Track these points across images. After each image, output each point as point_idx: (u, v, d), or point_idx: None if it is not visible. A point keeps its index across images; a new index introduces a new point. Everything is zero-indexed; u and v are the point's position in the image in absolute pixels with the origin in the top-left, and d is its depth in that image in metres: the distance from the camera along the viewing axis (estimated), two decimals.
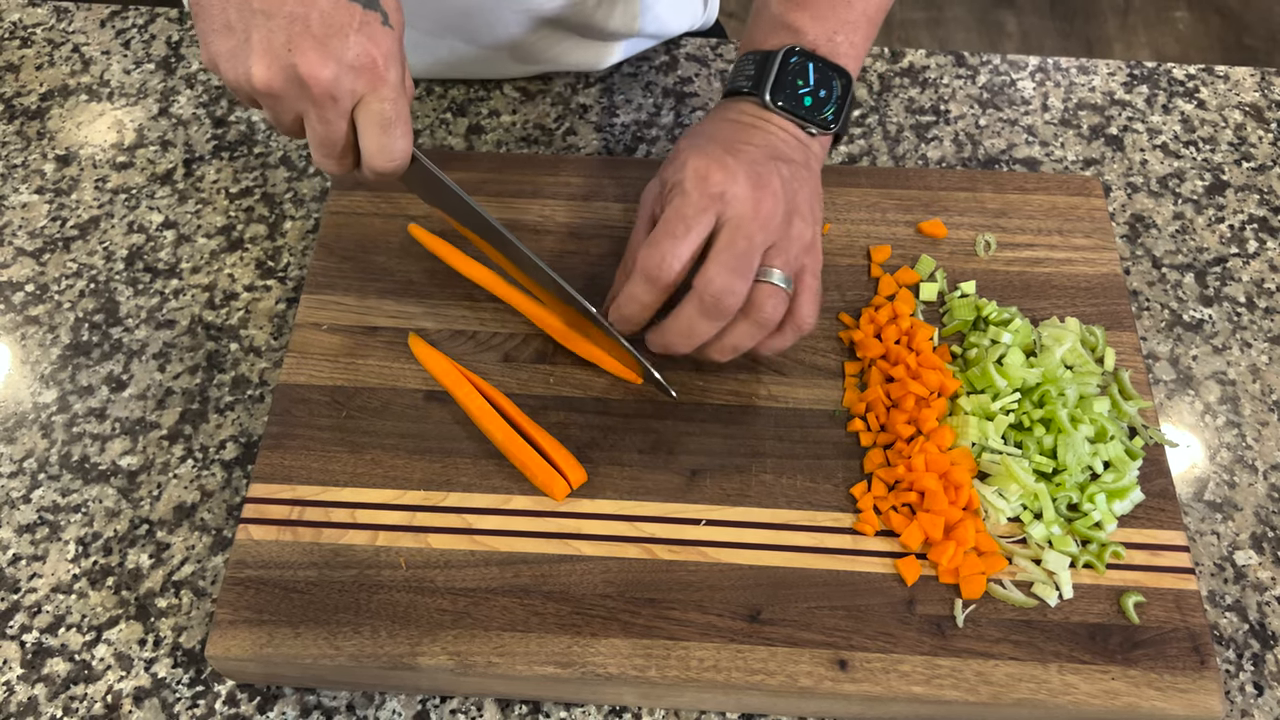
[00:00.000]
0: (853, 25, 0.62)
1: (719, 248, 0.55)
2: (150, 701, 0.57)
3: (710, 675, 0.54)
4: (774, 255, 0.56)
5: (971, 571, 0.56)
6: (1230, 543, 0.63)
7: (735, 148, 0.58)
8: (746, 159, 0.57)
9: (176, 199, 0.77)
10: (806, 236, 0.58)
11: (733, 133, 0.60)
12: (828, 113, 0.61)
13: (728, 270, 0.54)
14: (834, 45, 0.61)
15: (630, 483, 0.60)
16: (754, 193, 0.55)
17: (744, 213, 0.55)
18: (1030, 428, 0.60)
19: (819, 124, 0.61)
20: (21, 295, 0.72)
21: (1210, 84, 0.84)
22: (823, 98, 0.61)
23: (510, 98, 0.83)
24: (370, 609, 0.55)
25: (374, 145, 0.52)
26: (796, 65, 0.61)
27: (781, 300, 0.56)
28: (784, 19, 0.62)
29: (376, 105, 0.51)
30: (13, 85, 0.83)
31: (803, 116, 0.60)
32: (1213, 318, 0.71)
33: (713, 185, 0.55)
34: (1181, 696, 0.53)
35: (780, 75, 0.60)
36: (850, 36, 0.62)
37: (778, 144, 0.60)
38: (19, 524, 0.63)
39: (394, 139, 0.52)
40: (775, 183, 0.57)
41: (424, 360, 0.63)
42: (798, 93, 0.60)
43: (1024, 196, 0.71)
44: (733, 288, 0.54)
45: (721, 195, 0.55)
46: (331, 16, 0.49)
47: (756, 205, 0.55)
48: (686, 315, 0.56)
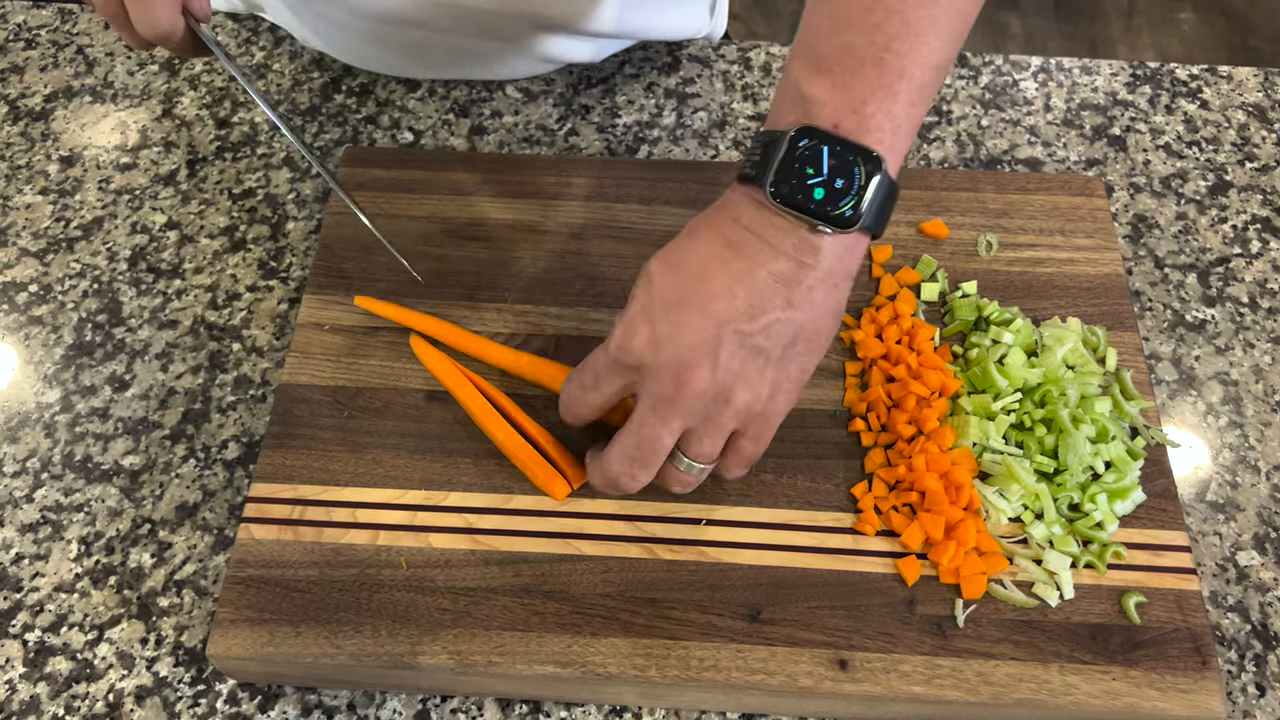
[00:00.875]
0: (887, 91, 0.48)
1: (628, 426, 0.52)
2: (152, 700, 0.57)
3: (710, 675, 0.54)
4: (693, 441, 0.51)
5: (972, 571, 0.56)
6: (1233, 543, 0.62)
7: (686, 299, 0.49)
8: (690, 326, 0.49)
9: (179, 200, 0.77)
10: (755, 406, 0.51)
11: (703, 266, 0.50)
12: (845, 208, 0.48)
13: (626, 457, 0.52)
14: (861, 119, 0.48)
15: None
16: (679, 370, 0.49)
17: (660, 394, 0.50)
18: (1031, 428, 0.60)
19: (832, 221, 0.48)
20: (25, 295, 0.72)
21: (1213, 84, 0.84)
22: (840, 189, 0.48)
23: (512, 99, 0.83)
24: (371, 608, 0.56)
25: (132, 13, 0.55)
26: (807, 149, 0.48)
27: (689, 482, 0.55)
28: (799, 87, 0.50)
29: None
30: (17, 86, 0.84)
31: (811, 213, 0.48)
32: (1215, 318, 0.71)
33: (631, 354, 0.50)
34: (1183, 697, 0.53)
35: (786, 162, 0.49)
36: (886, 106, 0.48)
37: (759, 286, 0.49)
38: (22, 523, 0.63)
39: (147, 7, 0.54)
40: (720, 356, 0.49)
41: (425, 360, 0.63)
42: (806, 183, 0.48)
43: (1026, 197, 0.71)
44: (630, 474, 0.53)
45: (638, 367, 0.50)
46: None
47: (679, 384, 0.49)
48: (594, 477, 0.56)
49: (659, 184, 0.72)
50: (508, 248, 0.69)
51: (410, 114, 0.82)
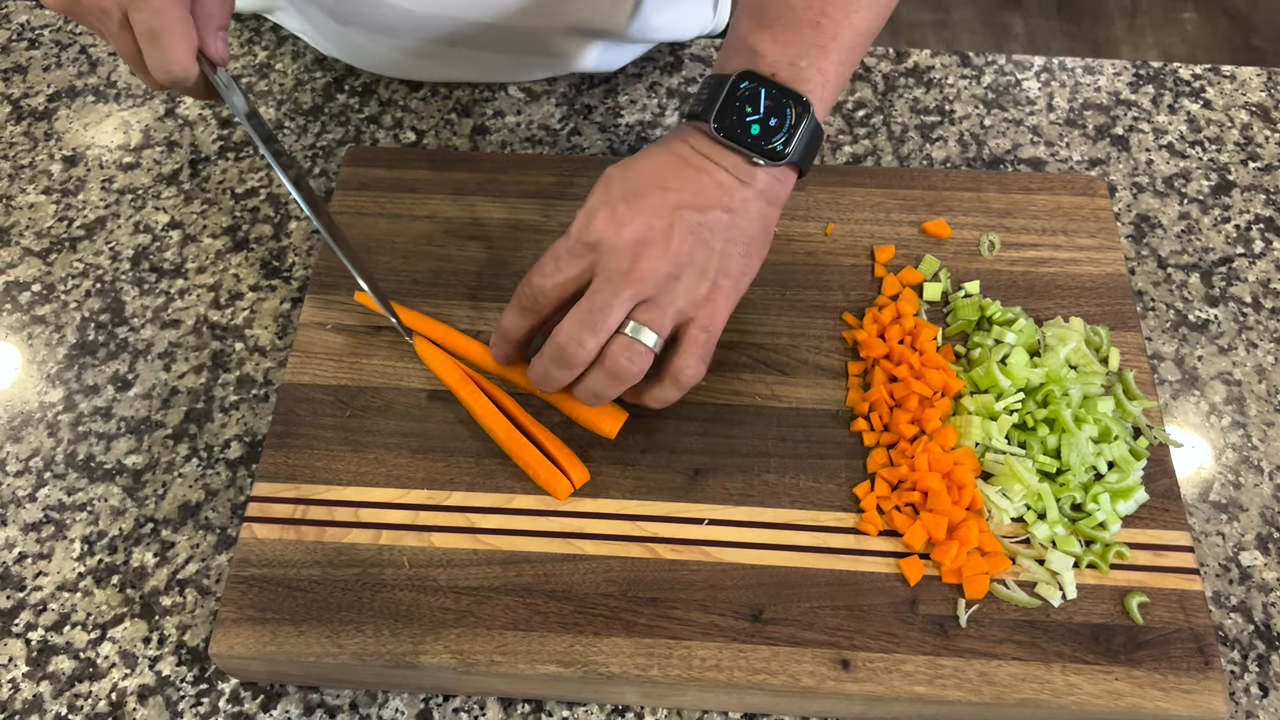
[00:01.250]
0: (820, 50, 0.57)
1: (582, 299, 0.55)
2: (154, 699, 0.57)
3: (713, 675, 0.54)
4: (644, 310, 0.55)
5: (974, 571, 0.56)
6: (1235, 543, 0.62)
7: (644, 191, 0.56)
8: (648, 206, 0.55)
9: (182, 199, 0.77)
10: (698, 291, 0.55)
11: (658, 170, 0.57)
12: (777, 143, 0.56)
13: (576, 322, 0.54)
14: (796, 70, 0.57)
15: (633, 482, 0.60)
16: (635, 246, 0.54)
17: (617, 267, 0.54)
18: (1034, 428, 0.60)
19: (765, 154, 0.56)
20: (28, 295, 0.72)
21: (1216, 84, 0.84)
22: (773, 126, 0.56)
23: (515, 98, 0.83)
24: (373, 608, 0.56)
25: (147, 58, 0.54)
26: (747, 90, 0.56)
27: (636, 353, 0.55)
28: (745, 40, 0.58)
29: (138, 17, 0.52)
30: (20, 86, 0.84)
31: (748, 145, 0.56)
32: (1218, 318, 0.71)
33: (591, 233, 0.55)
34: (1185, 697, 0.53)
35: (728, 101, 0.56)
36: (818, 62, 0.57)
37: (704, 186, 0.56)
38: (25, 522, 0.63)
39: (162, 50, 0.53)
40: (670, 236, 0.54)
41: (427, 360, 0.63)
42: (745, 119, 0.56)
43: (1029, 196, 0.71)
44: (579, 338, 0.54)
45: (597, 245, 0.55)
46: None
47: (634, 259, 0.54)
48: (539, 360, 0.57)
49: None
50: (510, 248, 0.69)
51: (413, 114, 0.82)
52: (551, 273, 0.56)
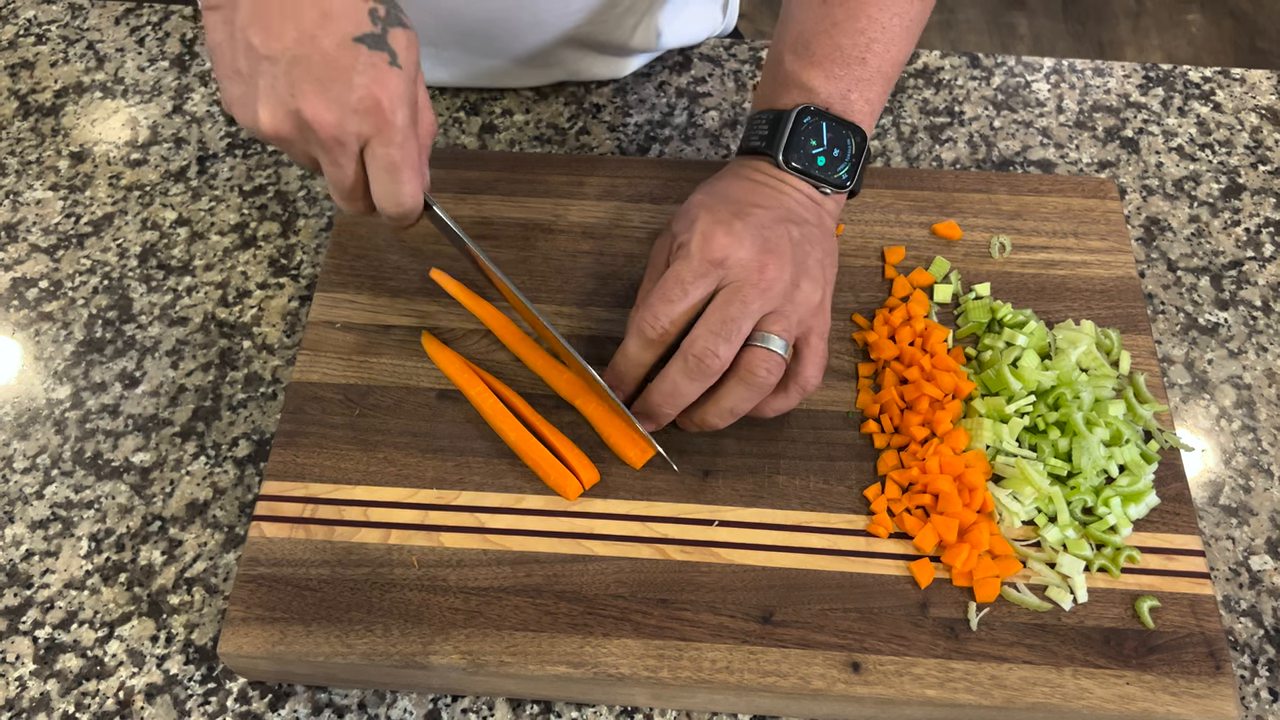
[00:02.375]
0: (867, 82, 0.61)
1: (711, 310, 0.55)
2: (162, 698, 0.57)
3: (723, 677, 0.54)
4: (773, 320, 0.56)
5: (985, 574, 0.56)
6: (1245, 548, 0.62)
7: (745, 210, 0.57)
8: (755, 222, 0.57)
9: (190, 196, 0.77)
10: (814, 299, 0.57)
11: (745, 192, 0.59)
12: (842, 172, 0.60)
13: (712, 333, 0.54)
14: (848, 103, 0.60)
15: (643, 483, 0.60)
16: (758, 258, 0.55)
17: (744, 278, 0.55)
18: (1045, 431, 0.60)
19: (833, 184, 0.60)
20: (35, 292, 0.72)
21: (1226, 86, 0.83)
22: (836, 157, 0.60)
23: (524, 97, 0.83)
24: (382, 607, 0.55)
25: (381, 190, 0.51)
26: (810, 125, 0.60)
27: (774, 364, 0.55)
28: (797, 77, 0.61)
29: (382, 150, 0.50)
30: (27, 82, 0.84)
31: (817, 177, 0.60)
32: (1228, 321, 0.71)
33: (715, 250, 0.55)
34: (1197, 702, 0.53)
35: (794, 135, 0.59)
36: (865, 93, 0.61)
37: (791, 204, 0.59)
38: (32, 520, 0.63)
39: (400, 184, 0.51)
40: (784, 247, 0.56)
41: (437, 359, 0.63)
42: (811, 153, 0.60)
43: (1039, 198, 0.71)
44: (715, 349, 0.54)
45: (723, 261, 0.55)
46: (335, 59, 0.48)
47: (760, 271, 0.55)
48: (671, 375, 0.56)
49: (672, 183, 0.71)
50: (520, 247, 0.69)
51: None
52: (679, 297, 0.55)
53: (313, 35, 0.47)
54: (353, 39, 0.48)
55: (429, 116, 0.53)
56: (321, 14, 0.48)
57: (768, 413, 0.59)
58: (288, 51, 0.48)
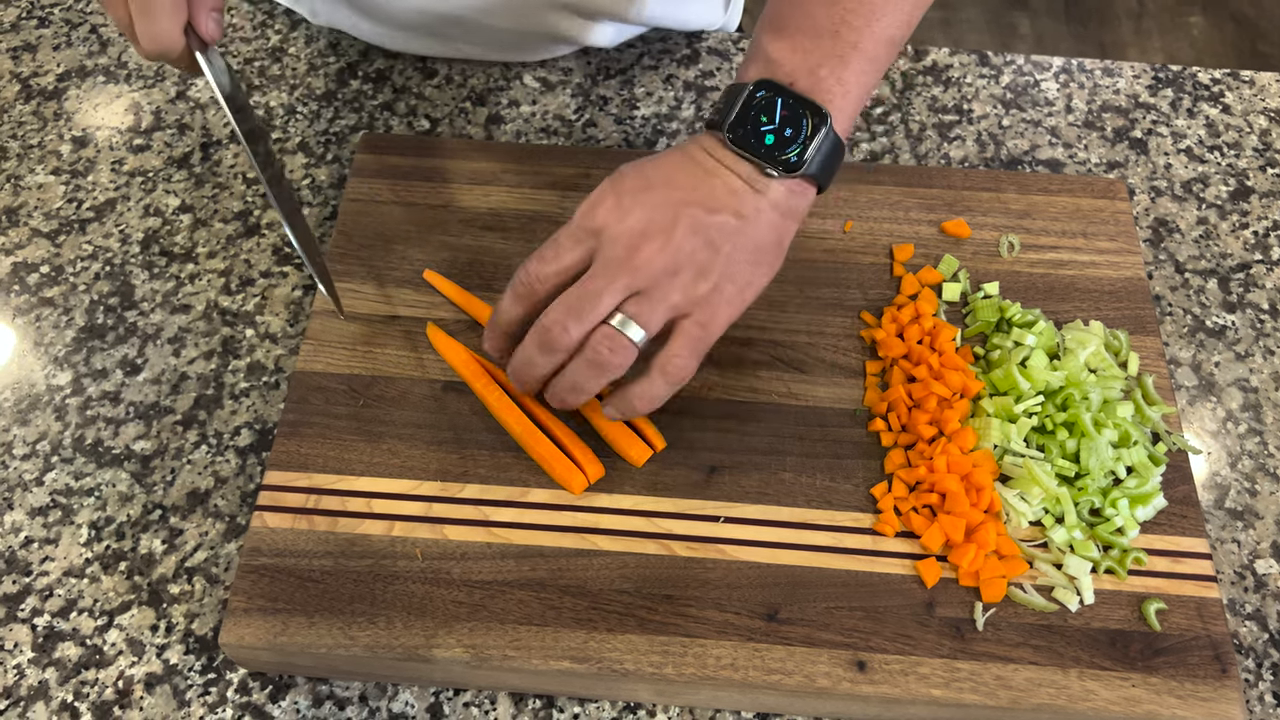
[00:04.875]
0: (839, 59, 0.55)
1: (572, 287, 0.54)
2: (162, 688, 0.57)
3: (727, 674, 0.53)
4: (636, 302, 0.53)
5: (992, 575, 0.56)
6: (1251, 551, 0.62)
7: (651, 186, 0.55)
8: (652, 200, 0.54)
9: (193, 183, 0.76)
10: (699, 290, 0.54)
11: (670, 169, 0.56)
12: (791, 154, 0.54)
13: (565, 306, 0.54)
14: (815, 80, 0.54)
15: (648, 478, 0.59)
16: (635, 238, 0.53)
17: (614, 255, 0.53)
18: (1053, 431, 0.59)
19: (779, 165, 0.54)
20: (36, 276, 0.72)
21: (1235, 89, 0.83)
22: (788, 137, 0.54)
23: (530, 88, 0.82)
24: (385, 600, 0.55)
25: (137, 26, 0.53)
26: (762, 100, 0.54)
27: (618, 345, 0.53)
28: (764, 49, 0.56)
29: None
30: (30, 65, 0.83)
31: (761, 156, 0.54)
32: (1235, 324, 0.71)
33: (595, 219, 0.54)
34: (1203, 705, 0.53)
35: (744, 110, 0.54)
36: (838, 72, 0.55)
37: (716, 191, 0.55)
38: (31, 506, 0.62)
39: (150, 22, 0.53)
40: (675, 230, 0.53)
41: (443, 351, 0.63)
42: (759, 129, 0.54)
43: (1048, 198, 0.70)
44: (564, 323, 0.53)
45: (599, 231, 0.54)
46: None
47: (632, 249, 0.53)
48: (524, 346, 0.56)
49: None
50: (526, 239, 0.69)
51: (427, 102, 0.81)
52: (551, 258, 0.55)
53: None
54: None
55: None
56: None
57: (636, 402, 0.56)
58: None
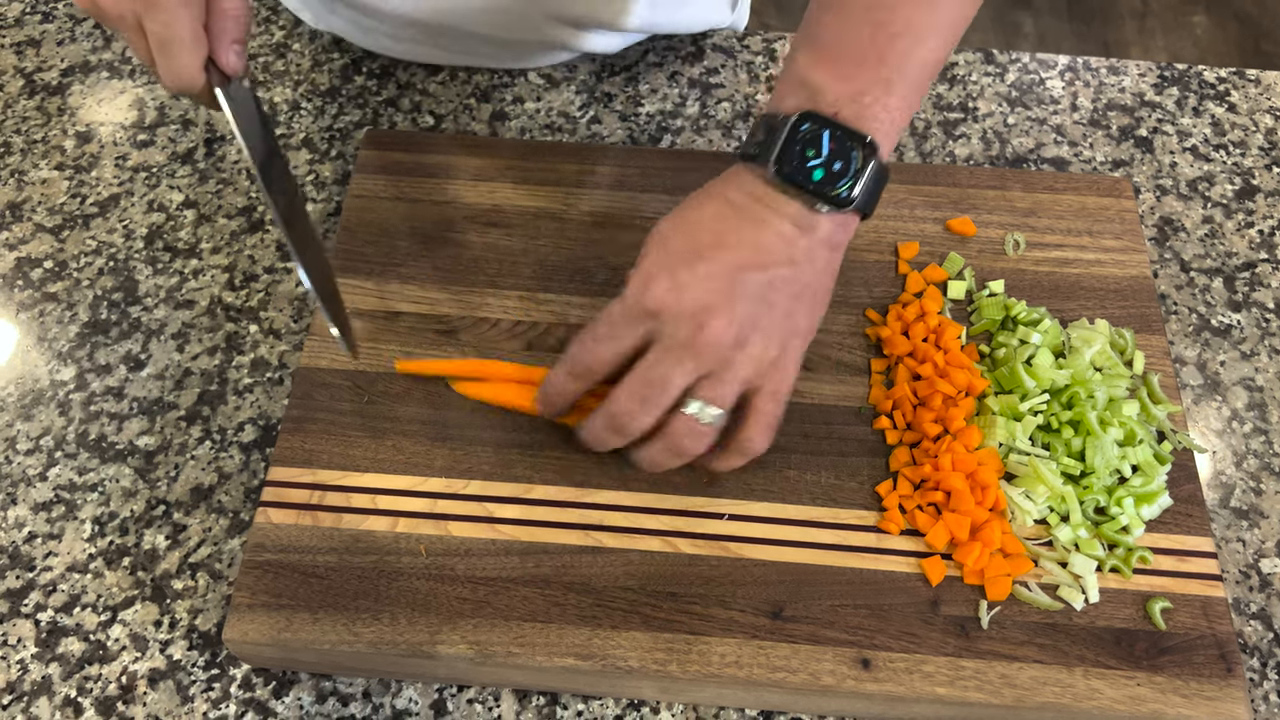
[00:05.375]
0: (885, 84, 0.52)
1: (638, 367, 0.52)
2: (165, 683, 0.57)
3: (732, 671, 0.53)
4: (708, 386, 0.52)
5: (997, 573, 0.56)
6: (1256, 550, 0.62)
7: (704, 253, 0.52)
8: (708, 272, 0.51)
9: (197, 178, 0.76)
10: (767, 356, 0.52)
11: (717, 224, 0.53)
12: (842, 189, 0.51)
13: (633, 395, 0.52)
14: (859, 109, 0.52)
15: (653, 475, 0.59)
16: (697, 316, 0.51)
17: (678, 337, 0.51)
18: (1058, 429, 0.59)
19: (830, 201, 0.52)
20: (40, 272, 0.71)
21: (1241, 87, 0.83)
22: (838, 171, 0.51)
23: (534, 85, 0.82)
24: (390, 596, 0.55)
25: (158, 64, 0.54)
26: (808, 133, 0.52)
27: (702, 434, 0.53)
28: (804, 75, 0.53)
29: (150, 26, 0.53)
30: (34, 60, 0.83)
31: (811, 191, 0.52)
32: (1241, 323, 0.71)
33: (651, 300, 0.51)
34: (1208, 704, 0.53)
35: (789, 144, 0.52)
36: (883, 98, 0.52)
37: (768, 240, 0.52)
38: (35, 502, 0.62)
39: (170, 59, 0.54)
40: (735, 301, 0.51)
41: (472, 392, 0.61)
42: (806, 165, 0.51)
43: (1054, 196, 0.70)
44: (632, 413, 0.52)
45: (658, 313, 0.51)
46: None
47: (698, 329, 0.51)
48: (595, 425, 0.54)
49: (684, 174, 0.71)
50: (531, 235, 0.68)
51: (431, 98, 0.81)
52: (605, 338, 0.53)
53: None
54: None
55: (231, 2, 0.55)
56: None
57: (714, 469, 0.57)
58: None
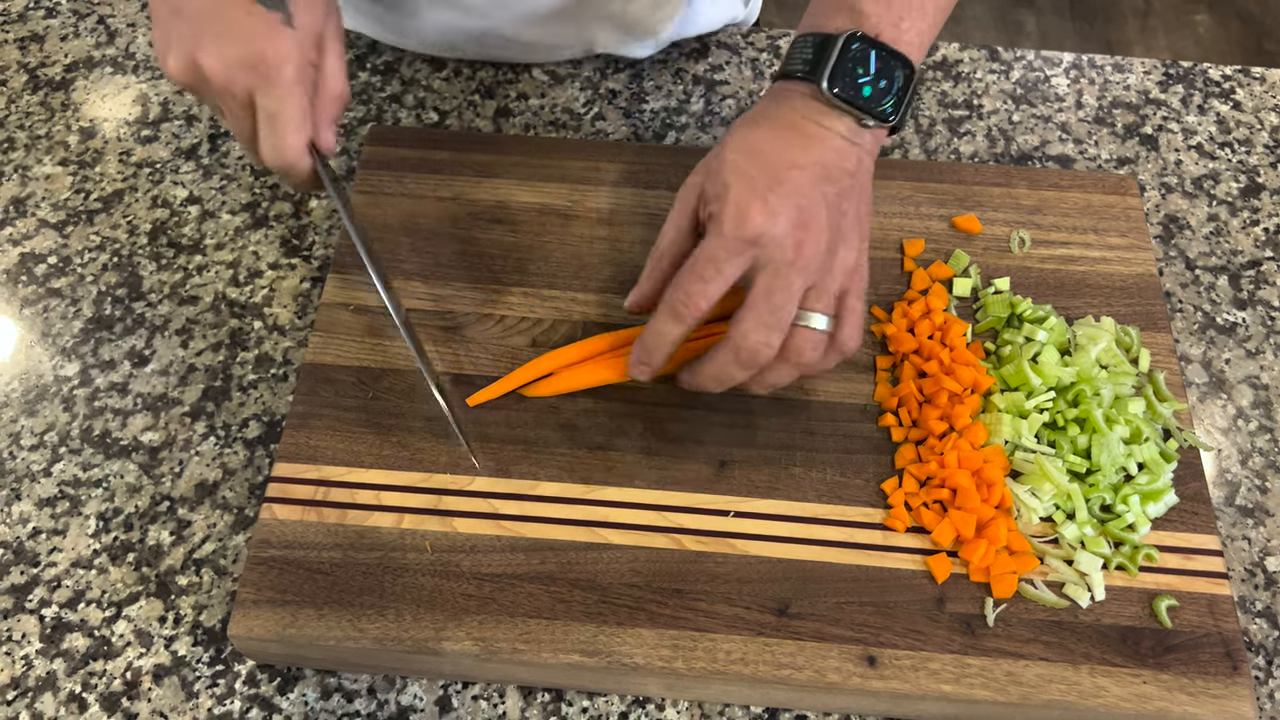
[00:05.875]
0: (919, 11, 0.56)
1: (755, 297, 0.53)
2: (170, 679, 0.57)
3: (737, 668, 0.53)
4: (814, 297, 0.54)
5: (1003, 570, 0.55)
6: (1261, 548, 0.62)
7: (781, 175, 0.54)
8: (791, 190, 0.53)
9: (201, 174, 0.76)
10: (850, 261, 0.55)
11: (781, 145, 0.55)
12: (887, 105, 0.55)
13: (762, 325, 0.53)
14: (898, 32, 0.56)
15: (658, 472, 0.59)
16: (795, 233, 0.53)
17: (782, 259, 0.53)
18: (1064, 427, 0.59)
19: (877, 116, 0.55)
20: (44, 267, 0.71)
21: (1246, 85, 0.83)
22: (883, 88, 0.55)
23: (539, 81, 0.82)
24: (395, 592, 0.55)
25: (263, 141, 0.55)
26: (858, 52, 0.55)
27: (820, 342, 0.55)
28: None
29: (264, 102, 0.54)
30: (37, 55, 0.83)
31: (860, 107, 0.55)
32: (1246, 321, 0.70)
33: (750, 228, 0.52)
34: (1214, 702, 0.53)
35: (840, 61, 0.54)
36: (917, 24, 0.56)
37: (829, 156, 0.55)
38: (39, 497, 0.62)
39: (279, 137, 0.54)
40: (820, 215, 0.54)
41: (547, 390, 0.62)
42: (856, 81, 0.55)
43: (1059, 194, 0.70)
44: (768, 340, 0.53)
45: (758, 239, 0.53)
46: (231, 16, 0.53)
47: (797, 249, 0.53)
48: (721, 362, 0.55)
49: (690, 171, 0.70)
50: (535, 232, 0.68)
51: (435, 94, 0.81)
52: (713, 276, 0.53)
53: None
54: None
55: (336, 84, 0.57)
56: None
57: (811, 374, 0.59)
58: (193, 5, 0.54)
